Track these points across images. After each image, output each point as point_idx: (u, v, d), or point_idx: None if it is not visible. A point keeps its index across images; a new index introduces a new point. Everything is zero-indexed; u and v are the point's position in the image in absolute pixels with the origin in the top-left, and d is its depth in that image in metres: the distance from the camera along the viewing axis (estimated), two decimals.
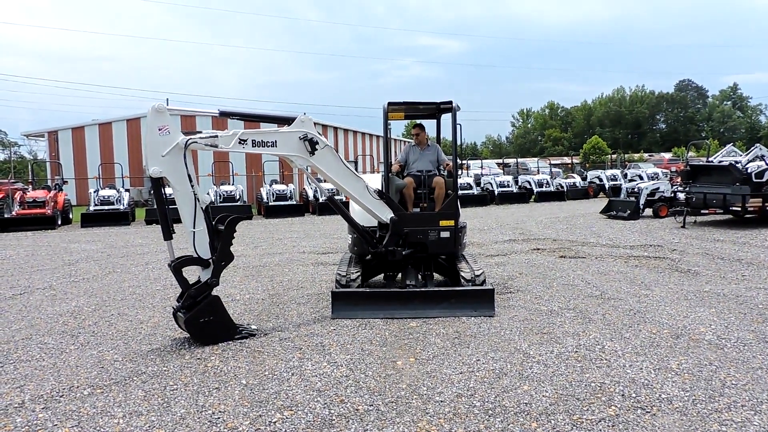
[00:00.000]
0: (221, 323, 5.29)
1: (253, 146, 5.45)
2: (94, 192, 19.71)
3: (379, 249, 6.35)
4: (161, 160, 5.00)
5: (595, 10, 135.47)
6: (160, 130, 5.01)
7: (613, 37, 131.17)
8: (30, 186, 21.24)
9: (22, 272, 9.41)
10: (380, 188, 6.59)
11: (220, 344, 5.17)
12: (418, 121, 7.68)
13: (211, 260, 5.26)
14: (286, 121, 5.75)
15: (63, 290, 7.81)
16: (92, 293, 7.57)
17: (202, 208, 5.22)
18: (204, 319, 5.17)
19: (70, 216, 19.44)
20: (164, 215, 5.16)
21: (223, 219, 5.39)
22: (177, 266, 5.11)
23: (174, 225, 5.22)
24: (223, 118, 5.65)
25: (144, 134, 5.06)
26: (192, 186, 5.16)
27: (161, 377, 4.39)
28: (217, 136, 5.28)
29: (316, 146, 5.69)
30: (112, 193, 19.67)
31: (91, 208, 19.03)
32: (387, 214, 6.36)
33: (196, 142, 5.16)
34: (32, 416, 3.74)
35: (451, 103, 6.87)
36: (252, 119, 5.93)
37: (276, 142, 5.55)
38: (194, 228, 5.18)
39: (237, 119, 5.84)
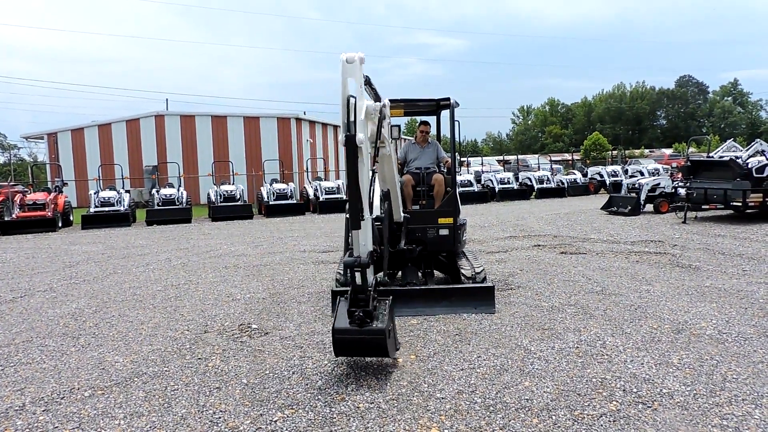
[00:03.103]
0: (395, 331, 4.52)
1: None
2: (95, 193, 19.70)
3: (399, 247, 6.30)
4: (360, 123, 4.08)
5: (595, 6, 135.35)
6: (360, 87, 4.11)
7: (613, 34, 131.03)
8: (30, 188, 21.22)
9: (22, 275, 9.42)
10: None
11: (220, 344, 5.17)
12: (424, 119, 7.65)
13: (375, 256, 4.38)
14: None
15: (63, 292, 7.82)
16: (93, 295, 7.57)
17: (383, 190, 4.34)
18: (391, 327, 4.29)
19: (71, 218, 19.44)
20: (359, 196, 4.09)
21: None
22: (368, 263, 4.11)
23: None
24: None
25: (344, 90, 4.09)
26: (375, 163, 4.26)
27: (162, 378, 4.39)
28: (386, 106, 4.60)
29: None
30: (113, 194, 19.66)
31: (92, 209, 19.02)
32: (401, 212, 6.34)
33: (386, 107, 4.37)
34: (33, 419, 3.74)
35: (449, 99, 6.86)
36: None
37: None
38: (371, 215, 4.26)
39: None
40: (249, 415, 3.69)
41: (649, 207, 16.42)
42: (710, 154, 16.67)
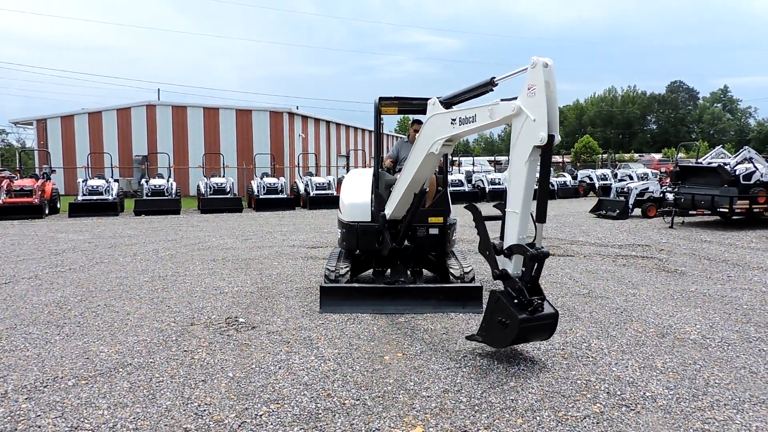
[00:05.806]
0: None
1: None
2: (83, 181, 19.49)
3: (405, 244, 6.24)
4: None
5: (588, 9, 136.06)
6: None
7: (605, 37, 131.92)
8: (17, 174, 20.96)
9: (7, 261, 9.31)
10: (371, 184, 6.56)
11: (206, 337, 5.15)
12: (418, 118, 7.63)
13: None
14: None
15: (49, 280, 7.74)
16: (79, 283, 7.50)
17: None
18: None
19: (58, 205, 19.24)
20: (549, 190, 4.30)
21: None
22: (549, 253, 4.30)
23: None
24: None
25: (546, 92, 4.32)
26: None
27: (147, 369, 4.37)
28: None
29: None
30: (101, 183, 19.47)
31: (80, 197, 18.83)
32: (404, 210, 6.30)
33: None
34: (15, 406, 3.71)
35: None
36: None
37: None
38: (520, 209, 4.31)
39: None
40: (234, 408, 3.68)
41: (638, 211, 16.56)
42: (699, 160, 16.82)
